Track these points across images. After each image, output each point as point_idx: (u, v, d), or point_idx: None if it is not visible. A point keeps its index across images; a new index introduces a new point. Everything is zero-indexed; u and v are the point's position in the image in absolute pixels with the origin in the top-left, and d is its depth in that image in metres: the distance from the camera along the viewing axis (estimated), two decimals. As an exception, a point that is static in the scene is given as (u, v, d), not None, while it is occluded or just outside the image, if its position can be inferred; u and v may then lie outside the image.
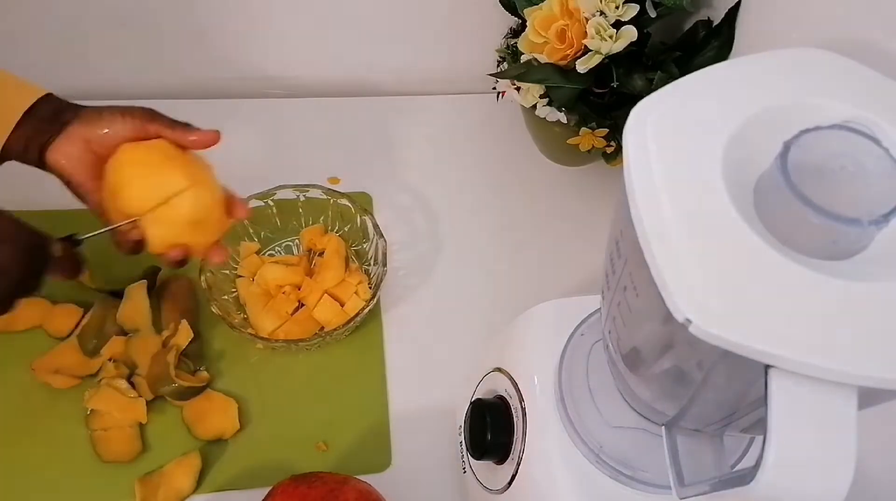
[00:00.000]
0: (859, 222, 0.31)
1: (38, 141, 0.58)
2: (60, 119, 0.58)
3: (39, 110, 0.58)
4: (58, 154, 0.58)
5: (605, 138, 0.78)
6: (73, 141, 0.58)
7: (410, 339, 0.79)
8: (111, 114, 0.58)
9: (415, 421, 0.73)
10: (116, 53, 0.91)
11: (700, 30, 0.76)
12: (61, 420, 0.69)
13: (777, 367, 0.31)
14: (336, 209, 0.79)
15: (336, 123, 0.95)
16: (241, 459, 0.69)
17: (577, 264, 0.85)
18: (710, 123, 0.36)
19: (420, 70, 1.00)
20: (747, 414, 0.39)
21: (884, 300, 0.32)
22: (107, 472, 0.67)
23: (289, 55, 0.96)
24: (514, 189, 0.92)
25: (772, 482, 0.31)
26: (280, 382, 0.74)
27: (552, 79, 0.74)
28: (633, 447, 0.52)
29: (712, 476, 0.43)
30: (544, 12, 0.72)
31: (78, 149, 0.58)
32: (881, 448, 0.53)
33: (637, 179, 0.35)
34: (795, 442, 0.31)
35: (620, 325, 0.43)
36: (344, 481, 0.61)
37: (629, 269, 0.39)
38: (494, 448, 0.58)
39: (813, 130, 0.33)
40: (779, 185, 0.32)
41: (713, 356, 0.34)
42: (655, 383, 0.45)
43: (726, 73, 0.40)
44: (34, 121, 0.58)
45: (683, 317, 0.31)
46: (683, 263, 0.32)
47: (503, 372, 0.61)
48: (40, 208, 0.81)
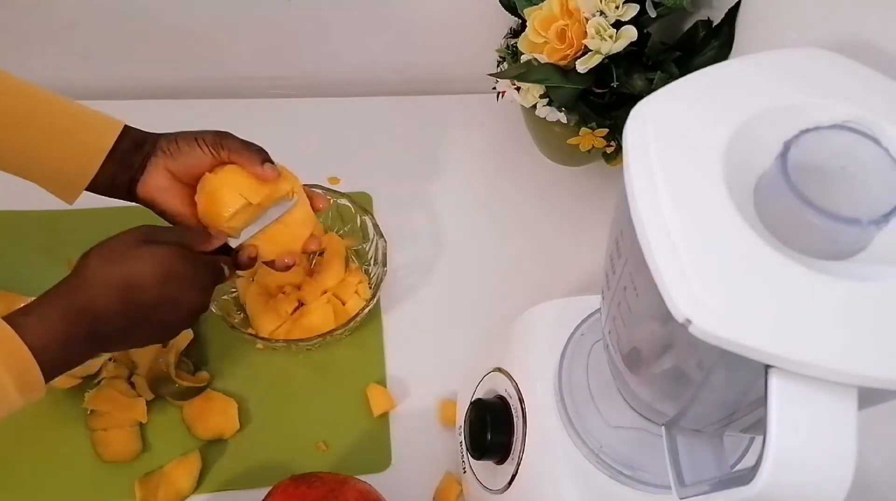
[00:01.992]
0: (859, 222, 0.31)
1: (123, 178, 0.60)
2: (141, 152, 0.60)
3: (120, 147, 0.60)
4: (147, 189, 0.61)
5: (606, 138, 0.78)
6: (159, 174, 0.61)
7: (410, 339, 0.79)
8: (186, 143, 0.60)
9: (415, 421, 0.73)
10: (116, 53, 0.91)
11: (700, 30, 0.76)
12: (61, 421, 0.69)
13: (777, 367, 0.31)
14: (336, 209, 0.79)
15: (336, 123, 0.95)
16: (241, 459, 0.69)
17: (577, 264, 0.85)
18: (710, 123, 0.36)
19: (420, 70, 1.00)
20: (747, 414, 0.39)
21: (884, 300, 0.32)
22: (107, 472, 0.67)
23: (289, 55, 0.96)
24: (515, 189, 0.92)
25: (772, 482, 0.31)
26: (280, 382, 0.74)
27: (552, 79, 0.74)
28: (633, 447, 0.52)
29: (712, 476, 0.43)
30: (544, 12, 0.72)
31: (165, 181, 0.61)
32: (882, 447, 0.53)
33: (637, 179, 0.35)
34: (795, 442, 0.31)
35: (620, 325, 0.43)
36: (344, 481, 0.61)
37: (629, 269, 0.39)
38: (494, 448, 0.58)
39: (813, 130, 0.33)
40: (779, 185, 0.32)
41: (713, 356, 0.34)
42: (656, 383, 0.45)
43: (726, 73, 0.40)
44: (116, 158, 0.60)
45: (683, 317, 0.31)
46: (683, 263, 0.32)
47: (503, 372, 0.61)
48: (40, 208, 0.81)
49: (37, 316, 0.50)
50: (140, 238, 0.55)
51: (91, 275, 0.52)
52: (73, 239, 0.79)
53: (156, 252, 0.54)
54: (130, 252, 0.54)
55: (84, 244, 0.77)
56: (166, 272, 0.54)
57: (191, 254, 0.56)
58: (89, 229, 0.80)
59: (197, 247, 0.58)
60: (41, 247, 0.79)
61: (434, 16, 0.93)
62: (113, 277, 0.52)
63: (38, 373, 0.48)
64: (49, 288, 0.52)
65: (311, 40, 0.95)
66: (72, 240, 0.79)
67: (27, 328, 0.48)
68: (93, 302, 0.51)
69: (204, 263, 0.58)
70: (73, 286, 0.52)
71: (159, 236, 0.56)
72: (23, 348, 0.48)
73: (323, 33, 0.94)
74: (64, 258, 0.76)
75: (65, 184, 0.60)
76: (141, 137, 0.61)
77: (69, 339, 0.50)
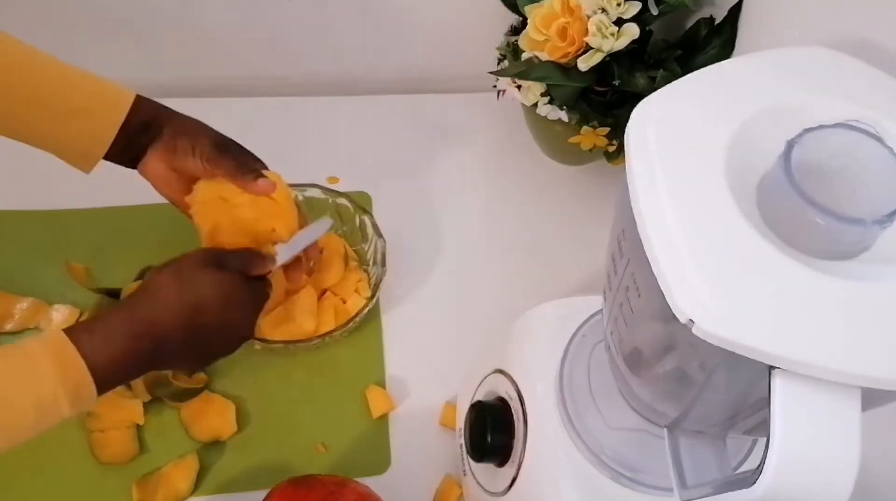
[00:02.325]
0: (863, 222, 0.31)
1: (129, 154, 0.63)
2: (147, 134, 0.62)
3: (131, 123, 0.61)
4: (146, 170, 0.64)
5: (607, 137, 0.77)
6: (157, 162, 0.63)
7: (410, 339, 0.78)
8: (184, 148, 0.62)
9: (414, 423, 0.73)
10: (116, 53, 0.90)
11: (702, 28, 0.76)
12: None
13: (781, 368, 0.30)
14: (335, 209, 0.79)
15: (335, 123, 0.95)
16: (239, 461, 0.69)
17: (578, 263, 0.85)
18: (712, 122, 0.36)
19: (420, 69, 1.00)
20: (750, 416, 0.39)
21: (888, 301, 0.31)
22: (104, 474, 0.67)
23: (289, 55, 0.96)
24: (515, 188, 0.92)
25: (775, 483, 0.31)
26: (279, 383, 0.74)
27: (553, 77, 0.73)
28: (634, 449, 0.52)
29: (715, 478, 0.43)
30: (545, 10, 0.72)
31: (162, 170, 0.63)
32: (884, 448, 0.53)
33: (639, 178, 0.34)
34: (799, 444, 0.31)
35: (622, 326, 0.43)
36: (342, 483, 0.60)
37: (631, 269, 0.38)
38: (495, 451, 0.58)
39: (816, 129, 0.33)
40: (782, 184, 0.32)
41: (715, 357, 0.34)
42: (658, 384, 0.44)
43: (729, 71, 0.40)
44: (127, 133, 0.61)
45: (686, 318, 0.31)
46: (686, 263, 0.32)
47: (504, 374, 0.60)
48: (40, 207, 0.81)
49: (102, 334, 0.51)
50: (207, 261, 0.57)
51: (162, 297, 0.54)
52: (74, 239, 0.80)
53: (220, 279, 0.56)
54: (198, 277, 0.56)
55: (84, 244, 0.78)
56: (229, 298, 0.56)
57: (247, 280, 0.59)
58: (89, 228, 0.81)
59: (254, 271, 0.60)
60: (41, 247, 0.79)
61: (434, 14, 0.93)
62: (181, 300, 0.54)
63: (93, 389, 0.50)
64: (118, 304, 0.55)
65: (311, 39, 0.95)
66: (72, 240, 0.80)
67: (91, 345, 0.50)
68: (158, 323, 0.53)
69: (257, 288, 0.60)
70: (141, 306, 0.54)
71: (223, 260, 0.58)
72: (81, 364, 0.49)
73: (323, 32, 0.94)
74: (64, 258, 0.76)
75: (80, 157, 0.61)
76: (150, 114, 0.62)
77: (128, 358, 0.52)
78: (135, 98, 0.61)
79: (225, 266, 0.57)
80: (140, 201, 0.75)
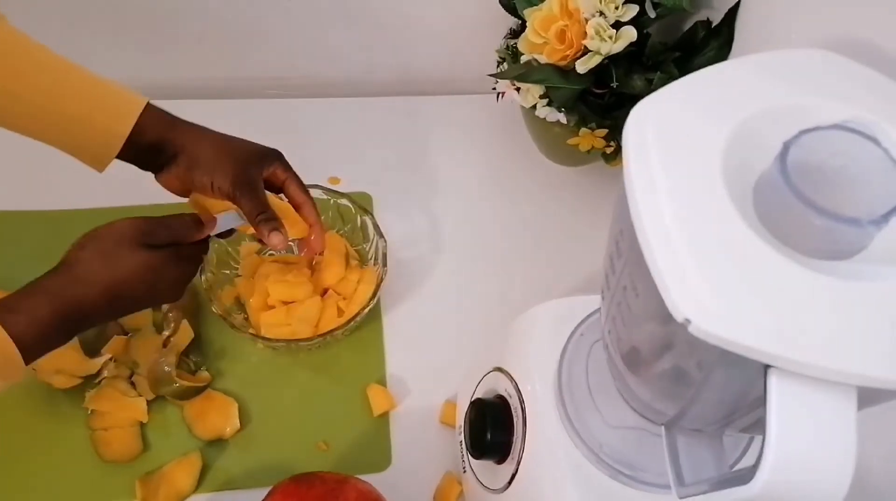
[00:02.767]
0: (859, 222, 0.31)
1: (140, 164, 0.63)
2: (160, 154, 0.62)
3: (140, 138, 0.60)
4: (161, 182, 0.64)
5: (605, 139, 0.78)
6: (172, 181, 0.63)
7: (410, 339, 0.79)
8: (201, 183, 0.61)
9: (415, 421, 0.73)
10: (116, 53, 0.91)
11: (699, 30, 0.76)
12: (62, 420, 0.69)
13: (777, 367, 0.31)
14: (336, 209, 0.79)
15: (336, 123, 0.95)
16: (241, 459, 0.70)
17: (576, 264, 0.85)
18: (709, 124, 0.36)
19: (420, 70, 1.01)
20: (747, 414, 0.39)
21: (884, 300, 0.32)
22: (107, 472, 0.67)
23: (289, 55, 0.96)
24: (514, 189, 0.92)
25: (771, 481, 0.31)
26: (280, 382, 0.74)
27: (552, 79, 0.74)
28: (632, 446, 0.52)
29: (712, 475, 0.43)
30: (544, 13, 0.72)
31: (177, 187, 0.64)
32: (882, 446, 0.53)
33: (637, 179, 0.35)
34: (795, 442, 0.31)
35: (620, 325, 0.43)
36: (344, 481, 0.61)
37: (629, 269, 0.39)
38: (494, 448, 0.58)
39: (812, 131, 0.33)
40: (778, 185, 0.32)
41: (713, 356, 0.34)
42: (655, 383, 0.45)
43: (726, 73, 0.40)
44: (135, 148, 0.60)
45: (683, 317, 0.31)
46: (683, 263, 0.32)
47: (503, 372, 0.61)
48: (40, 207, 0.81)
49: (26, 313, 0.51)
50: (135, 238, 0.56)
51: (83, 273, 0.54)
52: (74, 239, 0.80)
53: (148, 259, 0.56)
54: (124, 254, 0.55)
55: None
56: (155, 277, 0.57)
57: (178, 256, 0.59)
58: (89, 229, 0.81)
59: (189, 239, 0.60)
60: (41, 247, 0.78)
61: (434, 16, 0.93)
62: (104, 278, 0.54)
63: (20, 363, 0.50)
64: (38, 279, 0.54)
65: (312, 40, 0.95)
66: (72, 240, 0.79)
67: (16, 326, 0.50)
68: (83, 300, 0.53)
69: (188, 258, 0.60)
70: (63, 282, 0.54)
71: (154, 236, 0.57)
72: (9, 343, 0.49)
73: (323, 33, 0.94)
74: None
75: (92, 159, 0.61)
76: (161, 131, 0.61)
77: (53, 332, 0.52)
78: (144, 107, 0.60)
79: (154, 239, 0.57)
80: (140, 202, 0.75)
